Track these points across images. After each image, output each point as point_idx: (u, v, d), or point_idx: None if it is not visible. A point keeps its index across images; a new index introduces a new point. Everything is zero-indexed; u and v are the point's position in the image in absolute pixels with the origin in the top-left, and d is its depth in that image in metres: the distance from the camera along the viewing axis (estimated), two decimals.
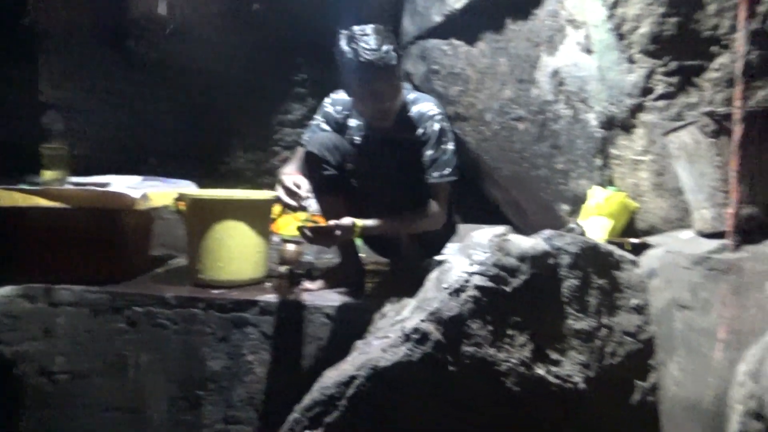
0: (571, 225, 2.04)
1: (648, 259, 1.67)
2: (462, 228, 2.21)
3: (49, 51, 2.85)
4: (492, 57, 2.67)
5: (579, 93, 2.15)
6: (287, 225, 2.83)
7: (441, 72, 2.88)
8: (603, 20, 1.95)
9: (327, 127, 2.04)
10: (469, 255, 1.47)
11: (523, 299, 1.44)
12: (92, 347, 2.01)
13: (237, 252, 2.10)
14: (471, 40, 2.74)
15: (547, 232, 1.61)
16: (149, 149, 3.12)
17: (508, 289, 1.43)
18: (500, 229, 1.54)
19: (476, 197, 3.15)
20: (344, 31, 1.84)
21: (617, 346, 1.52)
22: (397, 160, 1.94)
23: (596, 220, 2.09)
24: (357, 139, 2.04)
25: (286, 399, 1.88)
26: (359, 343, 1.42)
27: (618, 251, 1.65)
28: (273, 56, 3.14)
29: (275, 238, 2.65)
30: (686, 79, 1.83)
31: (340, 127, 2.06)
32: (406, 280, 2.11)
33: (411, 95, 2.00)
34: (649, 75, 1.86)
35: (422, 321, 1.34)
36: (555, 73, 2.28)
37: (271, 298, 1.97)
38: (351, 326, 1.89)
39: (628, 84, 1.90)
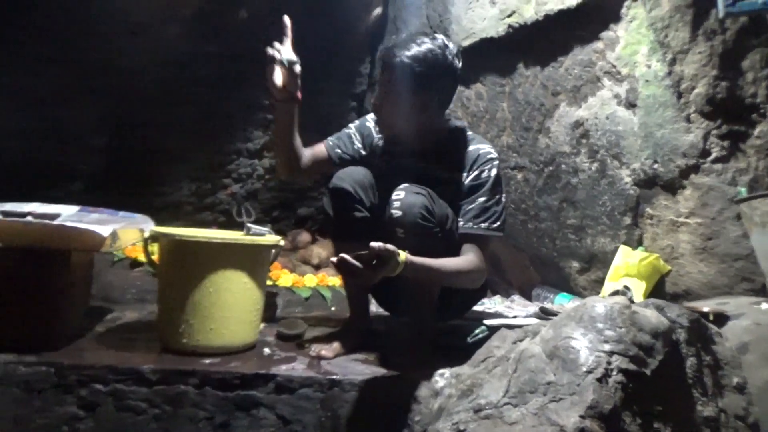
0: (621, 288, 1.91)
1: (734, 332, 1.55)
2: None
3: None
4: (491, 101, 2.52)
5: (610, 147, 2.06)
6: None
7: None
8: (659, 76, 1.88)
9: (358, 143, 1.83)
10: (598, 330, 1.23)
11: (660, 383, 1.23)
12: None
13: (235, 310, 1.66)
14: (466, 81, 2.58)
15: (653, 301, 1.43)
16: (72, 171, 2.48)
17: (647, 372, 1.22)
18: (620, 298, 1.33)
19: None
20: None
21: None
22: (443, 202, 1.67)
23: (628, 282, 1.98)
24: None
25: None
26: None
27: (708, 323, 1.52)
28: (237, 73, 2.65)
29: None
30: (735, 144, 1.81)
31: (371, 150, 1.82)
32: (421, 344, 1.82)
33: (469, 132, 1.77)
34: (706, 136, 1.81)
35: (582, 417, 1.07)
36: (577, 125, 2.17)
37: (287, 370, 1.56)
38: (391, 404, 1.55)
39: (685, 143, 1.83)
